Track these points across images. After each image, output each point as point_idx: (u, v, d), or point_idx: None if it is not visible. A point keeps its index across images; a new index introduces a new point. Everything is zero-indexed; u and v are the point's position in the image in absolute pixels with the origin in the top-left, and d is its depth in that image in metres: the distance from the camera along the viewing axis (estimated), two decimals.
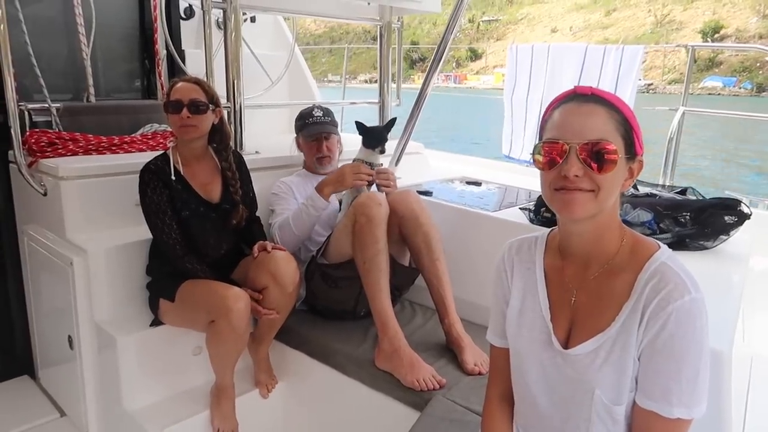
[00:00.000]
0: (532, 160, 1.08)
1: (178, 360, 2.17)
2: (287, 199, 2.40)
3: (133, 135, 2.62)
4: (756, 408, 1.79)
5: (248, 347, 2.19)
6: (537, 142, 1.06)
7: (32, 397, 2.48)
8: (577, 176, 1.00)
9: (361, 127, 2.35)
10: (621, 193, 1.07)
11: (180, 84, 2.01)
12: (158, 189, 1.97)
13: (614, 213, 1.08)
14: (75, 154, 2.37)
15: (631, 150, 1.03)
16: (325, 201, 2.26)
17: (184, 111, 1.96)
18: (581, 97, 1.04)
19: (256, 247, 2.05)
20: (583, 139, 0.99)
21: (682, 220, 2.00)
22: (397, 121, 2.57)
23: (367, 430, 2.01)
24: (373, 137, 2.33)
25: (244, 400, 2.18)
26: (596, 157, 0.99)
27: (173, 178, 2.00)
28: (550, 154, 1.02)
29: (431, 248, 2.13)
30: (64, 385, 2.37)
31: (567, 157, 1.00)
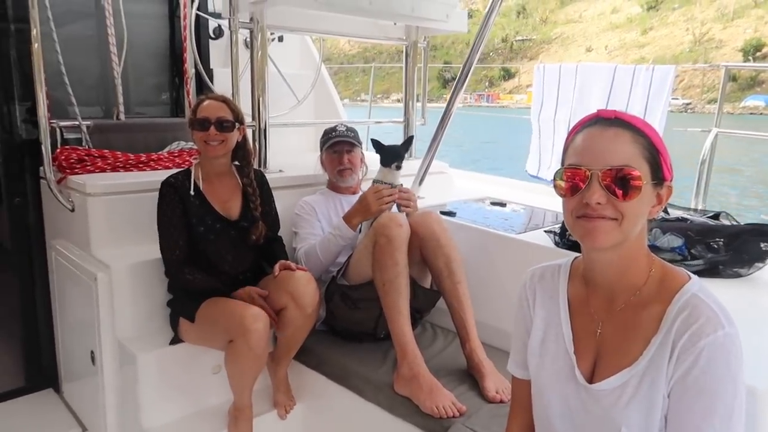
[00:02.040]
0: (553, 186, 1.05)
1: (197, 378, 2.17)
2: (310, 221, 2.40)
3: (160, 152, 2.66)
4: None
5: (267, 367, 2.18)
6: (559, 168, 1.03)
7: (55, 411, 2.51)
8: (599, 204, 0.96)
9: (377, 144, 2.34)
10: (649, 221, 1.03)
11: (207, 102, 2.04)
12: (173, 203, 2.00)
13: (641, 242, 1.03)
14: (103, 170, 2.42)
15: (658, 175, 0.99)
16: (353, 231, 2.25)
17: (212, 129, 1.98)
18: (604, 121, 1.01)
19: (277, 266, 2.04)
20: (606, 165, 0.96)
21: (715, 246, 1.93)
22: (414, 139, 2.56)
23: None
24: (389, 154, 2.32)
25: (261, 421, 2.16)
26: (620, 183, 0.95)
27: (192, 193, 2.01)
28: (571, 181, 0.99)
29: (452, 271, 2.09)
30: (86, 400, 2.39)
31: (589, 184, 0.97)
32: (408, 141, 2.48)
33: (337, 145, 2.47)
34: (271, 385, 2.26)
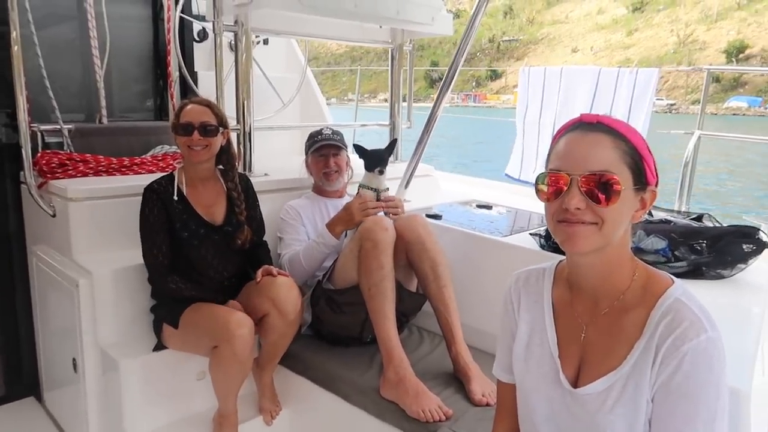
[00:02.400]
0: (535, 190, 1.05)
1: (181, 385, 2.14)
2: (295, 226, 2.39)
3: (143, 156, 2.63)
4: None
5: (252, 372, 2.16)
6: (541, 172, 1.03)
7: (37, 420, 2.47)
8: (578, 209, 0.96)
9: (360, 149, 2.34)
10: (633, 224, 1.03)
11: (190, 106, 2.01)
12: (156, 209, 1.97)
13: (625, 246, 1.03)
14: (85, 175, 2.39)
15: (641, 180, 0.99)
16: (336, 239, 2.25)
17: (195, 134, 1.96)
18: (586, 126, 1.00)
19: (260, 272, 2.03)
20: (586, 171, 0.96)
21: (698, 247, 1.94)
22: (398, 142, 2.55)
23: None
24: (373, 159, 2.31)
25: (247, 427, 2.14)
26: (599, 189, 0.95)
27: (175, 198, 1.99)
28: (553, 185, 0.99)
29: (438, 274, 2.09)
30: (68, 408, 2.35)
31: (569, 189, 0.97)
32: (391, 144, 2.47)
33: (323, 149, 2.46)
34: (257, 390, 2.24)
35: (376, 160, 2.31)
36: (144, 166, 2.54)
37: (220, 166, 2.14)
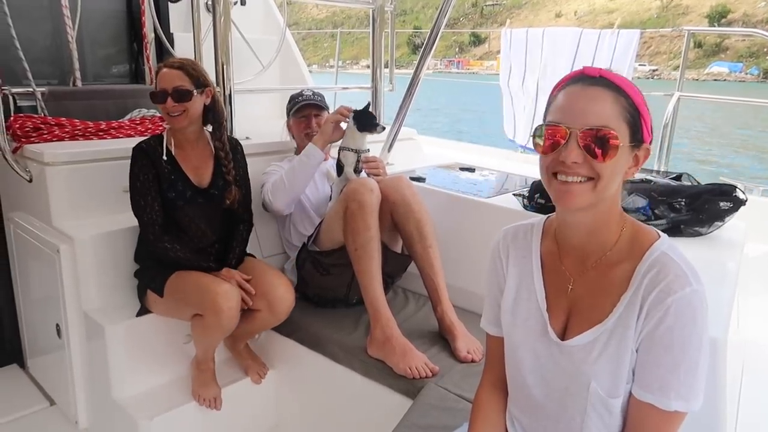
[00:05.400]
0: (532, 143, 1.04)
1: (167, 349, 2.14)
2: (277, 171, 2.38)
3: (120, 120, 2.57)
4: (749, 393, 1.79)
5: (224, 341, 2.18)
6: (539, 125, 1.01)
7: (21, 387, 2.45)
8: (575, 163, 0.96)
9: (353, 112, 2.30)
10: (624, 181, 1.03)
11: (164, 71, 1.94)
12: (145, 168, 1.94)
13: (615, 202, 1.03)
14: (61, 139, 2.33)
15: (638, 137, 0.99)
16: (320, 151, 2.26)
17: (169, 101, 1.91)
18: (588, 79, 0.99)
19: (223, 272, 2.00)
20: (585, 125, 0.95)
21: (677, 206, 1.98)
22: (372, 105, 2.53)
23: (359, 418, 2.00)
24: (364, 119, 2.28)
25: (235, 389, 2.17)
26: (597, 144, 0.95)
27: (164, 158, 1.96)
28: (551, 138, 0.98)
29: (423, 235, 2.10)
30: (52, 374, 2.34)
31: (567, 143, 0.96)
32: (366, 107, 2.43)
33: (305, 109, 2.43)
34: (234, 357, 2.26)
35: (369, 120, 2.28)
36: (122, 130, 2.48)
37: (209, 127, 2.09)
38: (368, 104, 2.44)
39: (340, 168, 2.30)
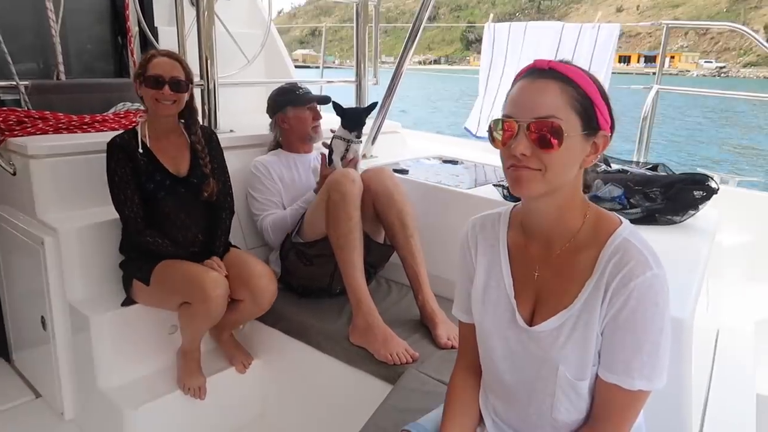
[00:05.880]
0: (489, 138, 1.06)
1: (153, 339, 2.16)
2: (267, 185, 2.40)
3: (105, 114, 2.58)
4: (720, 377, 1.84)
5: (209, 332, 2.20)
6: (496, 119, 1.03)
7: (6, 379, 2.46)
8: (524, 155, 0.98)
9: (338, 108, 2.34)
10: (586, 169, 1.05)
11: (161, 59, 1.96)
12: (122, 162, 1.95)
13: (576, 189, 1.05)
14: (45, 132, 2.34)
15: (592, 125, 1.00)
16: None
17: (166, 88, 1.93)
18: (538, 72, 1.01)
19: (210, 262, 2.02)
20: (532, 117, 0.97)
21: (652, 195, 2.02)
22: (378, 105, 2.57)
23: (341, 404, 2.03)
24: (351, 120, 2.33)
25: (220, 378, 2.19)
26: (544, 134, 0.96)
27: (140, 151, 1.98)
28: (503, 132, 1.01)
29: (405, 225, 2.14)
30: (38, 366, 2.35)
31: (516, 135, 0.98)
32: (371, 106, 2.47)
33: (309, 99, 2.48)
34: (220, 347, 2.28)
35: (354, 122, 2.32)
36: (106, 124, 2.49)
37: (182, 120, 2.11)
38: (373, 104, 2.48)
39: (330, 153, 2.37)
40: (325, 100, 2.50)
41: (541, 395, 1.10)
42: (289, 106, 2.48)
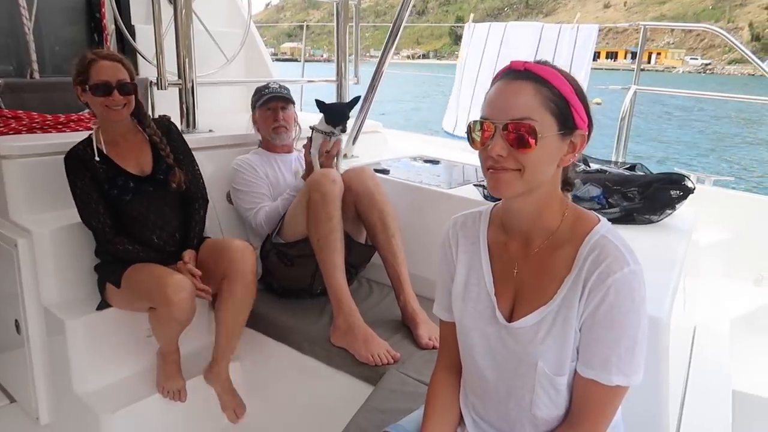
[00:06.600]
0: (468, 139, 1.07)
1: (129, 342, 2.13)
2: (253, 180, 2.37)
3: (80, 113, 2.53)
4: (697, 374, 1.87)
5: (205, 376, 2.14)
6: (474, 121, 1.04)
7: None
8: (501, 156, 0.99)
9: (320, 104, 2.32)
10: (565, 168, 1.06)
11: (101, 63, 1.89)
12: (80, 173, 1.91)
13: (554, 188, 1.07)
14: (18, 132, 2.29)
15: (568, 125, 1.01)
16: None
17: (115, 93, 1.87)
18: (514, 73, 1.02)
19: (180, 264, 1.98)
20: (508, 118, 0.98)
21: (630, 195, 2.04)
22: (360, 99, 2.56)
23: (323, 406, 2.02)
24: (333, 114, 2.30)
25: (200, 381, 2.15)
26: (519, 136, 0.97)
27: (97, 159, 1.93)
28: (481, 133, 1.01)
29: (387, 225, 2.13)
30: (12, 370, 2.30)
31: (493, 137, 0.99)
32: (353, 100, 2.46)
33: (271, 102, 2.43)
34: (215, 392, 2.18)
35: (337, 116, 2.30)
36: (81, 123, 2.44)
37: (134, 118, 2.05)
38: (355, 98, 2.46)
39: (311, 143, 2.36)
40: (281, 98, 2.44)
41: (520, 391, 1.11)
42: (256, 106, 2.47)
